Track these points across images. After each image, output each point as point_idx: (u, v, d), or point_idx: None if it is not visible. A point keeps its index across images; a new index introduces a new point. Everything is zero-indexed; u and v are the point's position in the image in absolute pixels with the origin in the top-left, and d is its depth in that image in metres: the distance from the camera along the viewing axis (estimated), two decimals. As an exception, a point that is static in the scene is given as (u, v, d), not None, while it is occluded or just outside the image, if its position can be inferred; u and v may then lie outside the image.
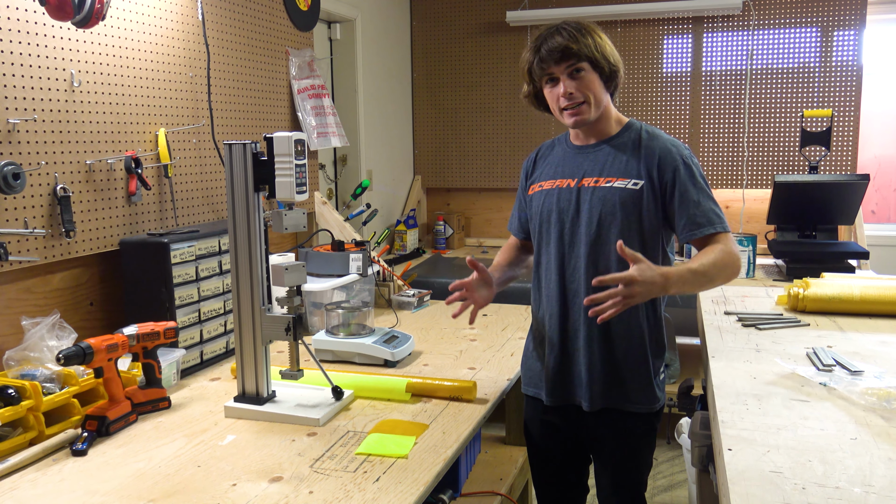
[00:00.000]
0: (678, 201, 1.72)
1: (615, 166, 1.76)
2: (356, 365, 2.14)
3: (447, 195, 4.78)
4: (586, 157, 1.80)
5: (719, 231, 1.71)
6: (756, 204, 4.16)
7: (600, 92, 1.73)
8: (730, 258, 1.68)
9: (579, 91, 1.71)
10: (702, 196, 1.72)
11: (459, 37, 4.51)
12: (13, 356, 1.74)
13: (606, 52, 1.73)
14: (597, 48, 1.70)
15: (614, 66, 1.74)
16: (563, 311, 1.81)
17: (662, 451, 3.55)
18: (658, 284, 1.58)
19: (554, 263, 1.81)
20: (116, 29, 2.15)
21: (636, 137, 1.77)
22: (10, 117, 1.82)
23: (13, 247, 1.83)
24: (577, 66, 1.70)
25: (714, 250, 1.68)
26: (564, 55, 1.69)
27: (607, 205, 1.73)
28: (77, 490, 1.40)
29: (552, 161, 1.87)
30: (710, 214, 1.71)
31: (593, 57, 1.70)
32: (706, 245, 1.71)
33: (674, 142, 1.77)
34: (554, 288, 1.81)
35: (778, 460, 1.21)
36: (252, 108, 2.81)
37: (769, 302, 2.36)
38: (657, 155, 1.73)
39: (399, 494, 1.36)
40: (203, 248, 2.17)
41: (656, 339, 1.81)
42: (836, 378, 1.59)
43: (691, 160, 1.74)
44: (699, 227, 1.71)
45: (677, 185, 1.71)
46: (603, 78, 1.73)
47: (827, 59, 3.94)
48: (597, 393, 1.79)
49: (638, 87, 4.24)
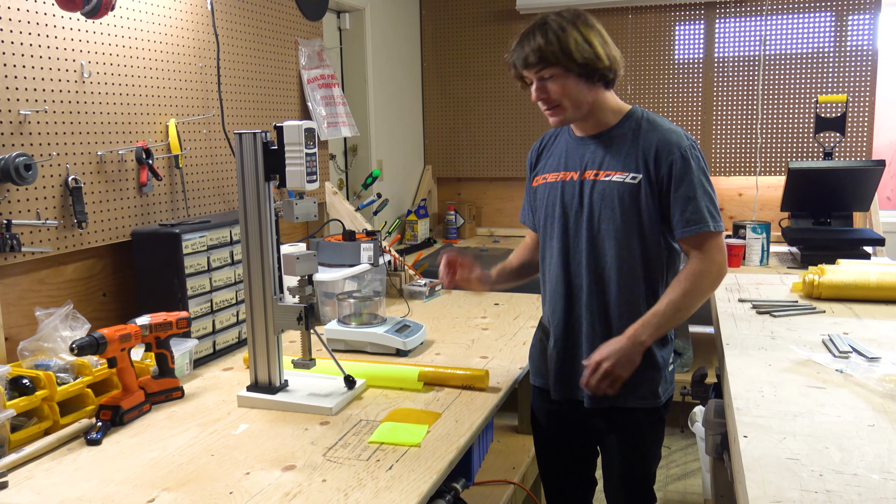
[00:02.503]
0: (673, 196, 1.67)
1: (615, 159, 1.72)
2: (368, 354, 2.14)
3: (458, 185, 4.76)
4: (587, 149, 1.76)
5: (708, 230, 1.66)
6: (770, 191, 4.12)
7: (577, 92, 1.67)
8: (699, 280, 1.65)
9: (552, 95, 1.68)
10: (697, 192, 1.66)
11: (469, 25, 4.48)
12: (27, 347, 1.75)
13: (574, 52, 1.62)
14: (564, 51, 1.62)
15: (589, 65, 1.65)
16: (567, 305, 1.79)
17: (676, 440, 3.53)
18: (628, 347, 1.65)
19: (558, 258, 1.79)
20: (126, 19, 2.14)
21: (636, 128, 1.72)
22: (21, 108, 1.82)
23: (26, 238, 1.84)
24: (544, 72, 1.66)
25: (680, 279, 1.67)
26: (528, 63, 1.66)
27: (606, 199, 1.71)
28: (92, 479, 1.41)
29: (556, 152, 1.84)
30: (704, 212, 1.65)
31: (560, 61, 1.63)
32: (694, 246, 1.68)
33: (673, 132, 1.69)
34: (558, 283, 1.80)
35: (794, 447, 1.20)
36: (262, 98, 2.81)
37: (784, 289, 2.34)
38: (654, 147, 1.68)
39: (412, 482, 1.36)
40: (214, 238, 2.17)
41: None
42: (852, 365, 1.57)
43: (691, 152, 1.67)
44: (689, 226, 1.66)
45: (673, 179, 1.66)
46: (580, 76, 1.66)
47: (841, 43, 3.89)
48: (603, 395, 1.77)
49: (650, 75, 4.20)
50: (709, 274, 1.67)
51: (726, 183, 4.23)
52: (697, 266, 1.67)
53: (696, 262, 1.67)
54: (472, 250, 4.16)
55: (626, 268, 1.71)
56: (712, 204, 1.68)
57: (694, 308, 1.68)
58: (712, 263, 1.67)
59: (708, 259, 1.66)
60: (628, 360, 1.65)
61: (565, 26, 1.64)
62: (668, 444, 3.51)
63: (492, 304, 2.74)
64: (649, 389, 1.76)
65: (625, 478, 1.85)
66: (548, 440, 1.97)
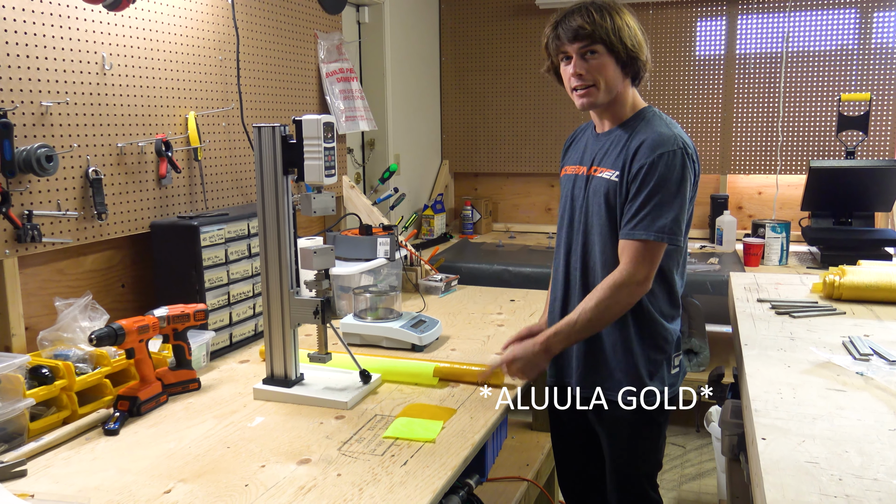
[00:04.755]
0: (629, 199, 1.65)
1: (609, 156, 1.72)
2: (383, 349, 2.14)
3: (475, 180, 4.75)
4: (599, 144, 1.77)
5: (641, 240, 1.62)
6: (790, 190, 4.08)
7: (613, 77, 1.67)
8: (616, 292, 1.62)
9: (589, 73, 1.67)
10: (652, 199, 1.61)
11: (488, 19, 4.47)
12: (47, 336, 1.76)
13: (624, 35, 1.65)
14: (614, 31, 1.64)
15: (633, 52, 1.66)
16: (564, 296, 1.83)
17: (691, 439, 3.52)
18: (538, 352, 1.69)
19: (562, 249, 1.83)
20: (147, 12, 2.15)
21: (637, 126, 1.70)
22: (43, 100, 1.84)
23: (46, 228, 1.86)
24: (590, 48, 1.66)
25: (600, 287, 1.64)
26: (578, 35, 1.65)
27: (596, 195, 1.72)
28: (109, 469, 1.42)
29: (578, 147, 1.86)
30: (645, 218, 1.62)
31: (608, 40, 1.64)
32: (624, 252, 1.65)
33: (662, 135, 1.64)
34: (559, 274, 1.84)
35: (814, 450, 1.19)
36: (281, 91, 2.81)
37: (803, 290, 2.32)
38: (636, 147, 1.66)
39: (426, 478, 1.36)
40: (232, 231, 2.18)
41: (650, 334, 1.74)
42: (873, 367, 1.55)
43: (668, 160, 1.61)
44: (625, 227, 1.64)
45: (636, 181, 1.64)
46: (619, 63, 1.67)
47: (866, 41, 3.84)
48: (585, 381, 1.79)
49: (670, 71, 4.17)
50: (627, 287, 1.63)
51: (746, 181, 4.19)
52: (618, 277, 1.64)
53: (619, 272, 1.64)
54: (488, 245, 4.15)
55: (609, 264, 1.71)
56: (663, 214, 1.61)
57: (610, 319, 1.66)
58: (634, 276, 1.63)
59: (631, 270, 1.63)
60: (534, 366, 1.71)
61: (617, 9, 1.67)
62: (683, 444, 3.49)
63: (507, 300, 2.73)
64: (636, 389, 1.74)
65: (617, 477, 1.85)
66: (559, 434, 2.00)
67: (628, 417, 1.76)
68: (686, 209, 1.66)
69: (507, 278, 3.41)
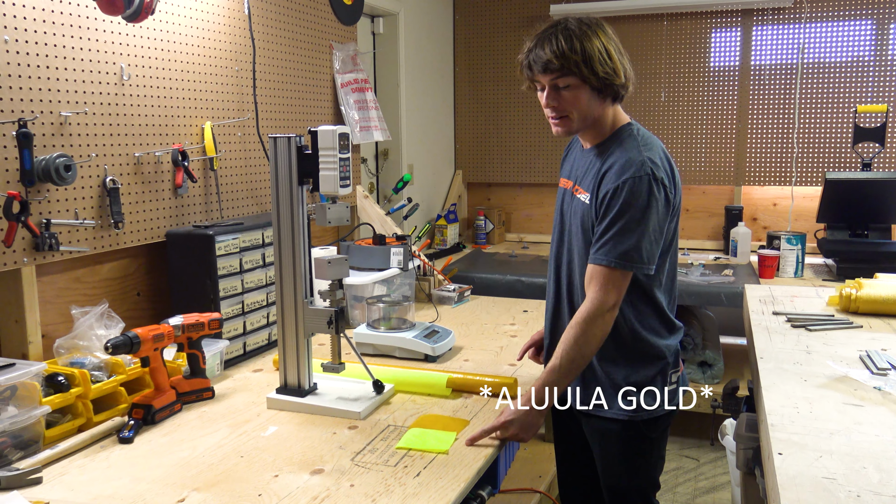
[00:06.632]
0: (597, 222, 1.63)
1: (587, 177, 1.69)
2: (396, 359, 2.14)
3: (488, 190, 4.75)
4: (583, 161, 1.75)
5: (603, 265, 1.59)
6: (805, 202, 4.05)
7: (587, 105, 1.63)
8: (590, 326, 1.59)
9: (561, 105, 1.64)
10: (614, 225, 1.58)
11: (502, 31, 4.48)
12: (63, 344, 1.77)
13: (595, 64, 1.57)
14: (585, 62, 1.57)
15: (606, 80, 1.60)
16: (555, 308, 1.82)
17: (705, 452, 3.49)
18: (530, 411, 1.62)
19: (553, 263, 1.83)
20: (165, 23, 2.18)
21: (611, 148, 1.67)
22: (62, 110, 1.86)
23: (64, 237, 1.87)
24: (561, 82, 1.61)
25: (572, 324, 1.61)
26: (548, 68, 1.60)
27: (575, 215, 1.72)
28: (123, 477, 1.43)
29: (570, 160, 1.85)
30: (607, 244, 1.58)
31: (579, 73, 1.58)
32: (590, 280, 1.62)
33: (630, 161, 1.59)
34: (551, 283, 1.84)
35: (831, 466, 1.17)
36: (296, 101, 2.83)
37: (819, 302, 2.30)
38: (604, 172, 1.63)
39: (439, 490, 1.36)
40: (247, 240, 2.19)
41: (640, 349, 1.70)
42: (891, 382, 1.53)
43: (633, 186, 1.57)
44: (591, 252, 1.62)
45: (602, 206, 1.61)
46: (594, 89, 1.61)
47: (882, 52, 3.82)
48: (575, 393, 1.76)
49: (685, 82, 4.16)
50: (599, 317, 1.59)
51: (760, 192, 4.17)
52: (589, 308, 1.60)
53: (588, 303, 1.61)
54: (501, 256, 4.15)
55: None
56: (625, 241, 1.58)
57: (592, 351, 1.63)
58: (603, 304, 1.59)
59: (600, 298, 1.59)
60: (529, 426, 1.63)
61: (589, 34, 1.59)
62: (696, 457, 3.46)
63: (521, 310, 2.73)
64: (622, 401, 1.71)
65: (606, 489, 1.83)
66: (560, 446, 2.00)
67: (617, 431, 1.73)
68: (651, 235, 1.59)
69: (521, 289, 3.40)
